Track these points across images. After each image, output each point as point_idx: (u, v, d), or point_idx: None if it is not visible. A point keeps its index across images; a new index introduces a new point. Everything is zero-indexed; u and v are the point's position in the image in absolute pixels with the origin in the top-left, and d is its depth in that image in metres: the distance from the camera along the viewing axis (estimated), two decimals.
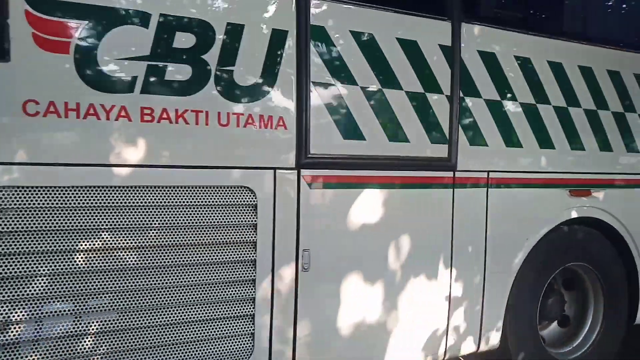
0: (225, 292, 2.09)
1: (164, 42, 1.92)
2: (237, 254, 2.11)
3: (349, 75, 2.26)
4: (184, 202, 1.99)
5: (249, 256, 2.13)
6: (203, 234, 2.04)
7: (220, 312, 2.10)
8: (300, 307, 2.22)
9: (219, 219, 2.06)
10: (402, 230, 2.45)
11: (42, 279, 1.78)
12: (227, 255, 2.09)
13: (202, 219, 2.03)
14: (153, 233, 1.95)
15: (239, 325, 2.14)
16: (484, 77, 2.61)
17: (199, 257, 2.03)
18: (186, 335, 2.04)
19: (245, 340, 2.16)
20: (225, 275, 2.09)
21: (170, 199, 1.97)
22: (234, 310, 2.12)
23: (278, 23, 2.12)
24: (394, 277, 2.45)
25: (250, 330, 2.16)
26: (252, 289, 2.14)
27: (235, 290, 2.11)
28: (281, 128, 2.13)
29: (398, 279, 2.46)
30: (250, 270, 2.14)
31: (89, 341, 1.88)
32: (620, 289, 3.21)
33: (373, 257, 2.40)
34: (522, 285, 2.81)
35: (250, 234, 2.12)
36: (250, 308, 2.15)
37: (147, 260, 1.94)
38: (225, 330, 2.11)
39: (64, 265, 1.81)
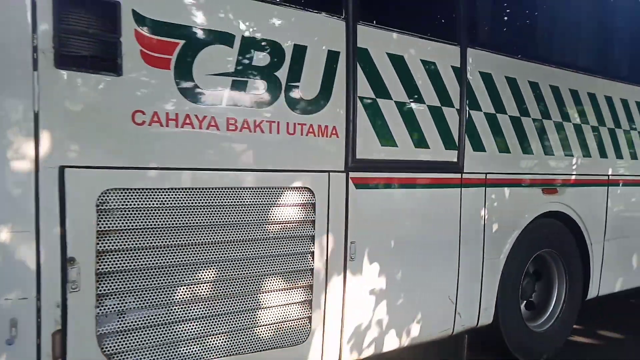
0: (290, 280, 2.39)
1: (245, 60, 2.19)
2: (300, 247, 2.42)
3: (385, 91, 2.65)
4: (262, 202, 2.28)
5: (309, 248, 2.44)
6: (276, 229, 2.33)
7: (286, 298, 2.38)
8: (347, 293, 2.57)
9: (287, 216, 2.36)
10: (426, 223, 2.90)
11: (148, 272, 2.00)
12: (293, 248, 2.39)
13: (275, 216, 2.32)
14: (237, 229, 2.22)
15: (300, 310, 2.44)
16: (483, 95, 3.11)
17: (272, 250, 2.32)
18: (262, 319, 2.33)
19: (304, 323, 2.46)
20: (291, 265, 2.39)
21: (250, 199, 2.25)
22: (296, 296, 2.42)
23: (332, 45, 2.45)
24: (419, 263, 2.87)
25: (308, 314, 2.46)
26: (310, 278, 2.45)
27: (298, 279, 2.41)
28: (334, 136, 2.47)
29: (422, 265, 2.88)
30: (310, 261, 2.44)
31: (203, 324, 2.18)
32: (578, 271, 3.89)
33: (404, 247, 2.79)
34: (509, 269, 3.36)
35: (309, 229, 2.43)
36: (308, 294, 2.45)
37: (230, 253, 2.22)
38: (290, 314, 2.41)
39: (170, 259, 2.05)
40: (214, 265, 2.16)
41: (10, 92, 1.73)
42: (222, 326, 2.21)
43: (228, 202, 2.17)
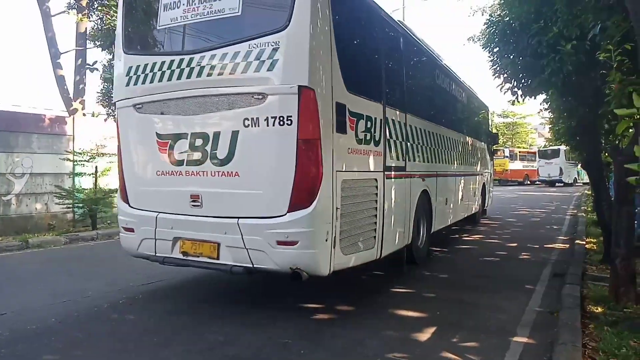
0: (368, 207, 5.07)
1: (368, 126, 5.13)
2: (374, 203, 5.18)
3: (397, 135, 5.86)
4: (359, 185, 4.87)
5: (375, 203, 5.19)
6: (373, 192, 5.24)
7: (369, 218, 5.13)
8: (385, 215, 5.43)
9: (371, 190, 5.13)
10: (400, 192, 5.95)
11: (355, 207, 4.82)
12: (373, 199, 5.17)
13: (369, 190, 5.11)
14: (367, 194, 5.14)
15: (371, 226, 5.11)
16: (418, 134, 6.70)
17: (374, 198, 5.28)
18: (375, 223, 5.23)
19: (373, 232, 5.14)
20: (371, 204, 5.14)
21: (365, 185, 5.02)
22: (372, 218, 5.15)
23: (380, 115, 5.40)
24: (395, 212, 5.76)
25: (373, 229, 5.13)
26: (374, 211, 5.15)
27: (373, 209, 5.16)
28: (381, 156, 5.36)
29: (395, 213, 5.75)
30: (375, 208, 5.18)
31: None
32: (429, 218, 7.22)
33: (394, 201, 5.73)
34: (414, 217, 6.38)
35: (375, 194, 5.21)
36: (374, 215, 5.17)
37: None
38: (366, 222, 5.06)
39: (358, 203, 4.87)
40: (367, 206, 5.04)
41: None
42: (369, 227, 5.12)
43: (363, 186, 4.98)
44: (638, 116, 2.94)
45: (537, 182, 36.22)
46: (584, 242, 8.58)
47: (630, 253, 4.78)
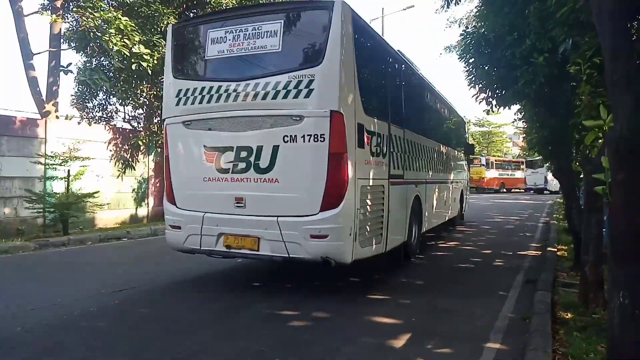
0: (377, 206, 5.97)
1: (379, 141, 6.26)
2: (382, 205, 6.13)
3: (398, 148, 6.87)
4: (371, 191, 5.76)
5: (382, 206, 6.15)
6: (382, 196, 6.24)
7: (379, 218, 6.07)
8: (390, 214, 6.38)
9: (379, 195, 6.09)
10: (401, 197, 7.03)
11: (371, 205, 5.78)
12: (381, 202, 6.12)
13: (378, 195, 6.05)
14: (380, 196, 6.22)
15: (380, 225, 6.04)
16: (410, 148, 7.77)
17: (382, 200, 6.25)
18: (382, 220, 6.20)
19: (381, 230, 6.10)
20: (380, 206, 6.07)
21: (378, 190, 6.09)
22: (380, 217, 6.08)
23: (386, 131, 6.43)
24: (398, 212, 6.83)
25: (381, 227, 6.07)
26: (382, 212, 6.10)
27: (381, 211, 6.10)
28: (387, 167, 6.39)
29: (397, 213, 6.77)
30: (382, 209, 6.13)
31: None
32: (420, 220, 8.16)
33: (396, 203, 6.70)
34: (410, 218, 7.43)
35: (382, 197, 6.17)
36: (382, 215, 6.11)
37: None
38: (376, 219, 5.96)
39: (375, 203, 5.95)
40: (377, 207, 5.94)
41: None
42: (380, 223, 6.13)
43: (374, 191, 5.89)
44: (606, 127, 3.04)
45: (524, 190, 37.15)
46: (556, 250, 8.78)
47: (599, 260, 4.91)
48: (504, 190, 37.88)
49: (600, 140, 3.95)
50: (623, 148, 2.62)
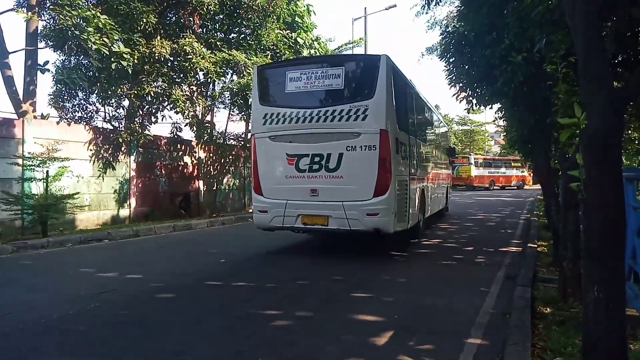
0: (405, 198, 8.35)
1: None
2: (406, 195, 8.40)
3: (414, 153, 9.30)
4: (401, 184, 8.12)
5: (407, 195, 8.42)
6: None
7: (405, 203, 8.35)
8: (410, 199, 8.70)
9: (405, 187, 8.38)
10: (414, 192, 9.20)
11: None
12: (406, 192, 8.43)
13: (404, 187, 8.40)
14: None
15: (406, 208, 8.31)
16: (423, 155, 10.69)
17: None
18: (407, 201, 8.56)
19: (407, 211, 8.39)
20: (405, 195, 8.36)
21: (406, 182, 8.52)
22: (406, 203, 8.35)
23: (407, 141, 8.88)
24: (412, 200, 8.92)
25: (406, 209, 8.37)
26: (407, 199, 8.35)
27: (406, 198, 8.37)
28: (408, 167, 8.78)
29: (412, 201, 8.83)
30: (406, 198, 8.39)
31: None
32: (424, 207, 10.25)
33: (416, 193, 9.39)
34: (420, 205, 9.70)
35: (407, 189, 8.49)
36: (407, 202, 8.38)
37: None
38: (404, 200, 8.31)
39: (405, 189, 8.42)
40: (404, 197, 8.24)
41: None
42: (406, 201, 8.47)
43: (402, 184, 8.24)
44: (582, 125, 3.09)
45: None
46: (536, 246, 8.92)
47: (576, 256, 5.00)
48: (494, 187, 37.77)
49: (576, 138, 4.03)
50: (596, 145, 2.67)
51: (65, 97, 13.27)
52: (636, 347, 3.68)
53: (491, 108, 8.25)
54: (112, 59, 11.44)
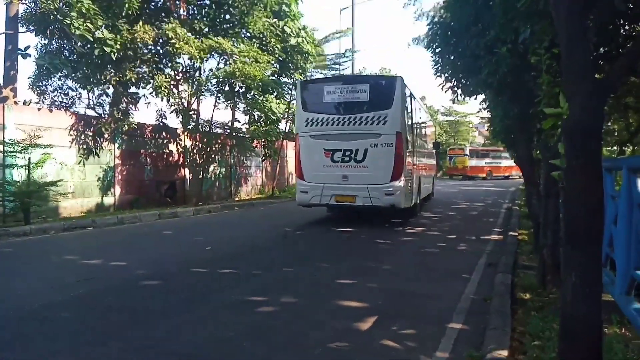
0: (410, 183, 11.07)
1: None
2: (411, 180, 11.28)
3: (414, 147, 11.87)
4: (408, 172, 10.83)
5: (411, 181, 11.28)
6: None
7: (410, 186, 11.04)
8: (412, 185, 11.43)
9: (410, 174, 11.10)
10: (414, 178, 11.79)
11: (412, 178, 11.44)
12: (411, 178, 11.27)
13: (410, 174, 11.15)
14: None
15: (410, 190, 11.08)
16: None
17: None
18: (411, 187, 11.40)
19: (411, 193, 11.27)
20: (410, 181, 11.08)
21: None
22: (410, 187, 11.06)
23: (412, 139, 11.76)
24: (416, 185, 12.10)
25: (411, 191, 11.20)
26: (411, 184, 11.13)
27: (411, 182, 11.13)
28: (412, 158, 11.47)
29: (416, 185, 12.04)
30: (411, 183, 11.23)
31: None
32: (419, 192, 12.68)
33: (414, 182, 11.81)
34: (417, 189, 12.25)
35: (412, 176, 11.37)
36: (411, 186, 11.16)
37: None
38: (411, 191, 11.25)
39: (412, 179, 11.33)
40: (410, 180, 11.05)
41: None
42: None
43: (409, 172, 10.97)
44: (565, 115, 3.15)
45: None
46: (517, 234, 9.10)
47: (556, 243, 5.12)
48: (491, 178, 38.09)
49: (559, 129, 4.11)
50: (578, 134, 2.73)
51: (45, 81, 13.00)
52: (610, 331, 3.81)
53: (476, 99, 8.27)
54: (96, 45, 11.23)
